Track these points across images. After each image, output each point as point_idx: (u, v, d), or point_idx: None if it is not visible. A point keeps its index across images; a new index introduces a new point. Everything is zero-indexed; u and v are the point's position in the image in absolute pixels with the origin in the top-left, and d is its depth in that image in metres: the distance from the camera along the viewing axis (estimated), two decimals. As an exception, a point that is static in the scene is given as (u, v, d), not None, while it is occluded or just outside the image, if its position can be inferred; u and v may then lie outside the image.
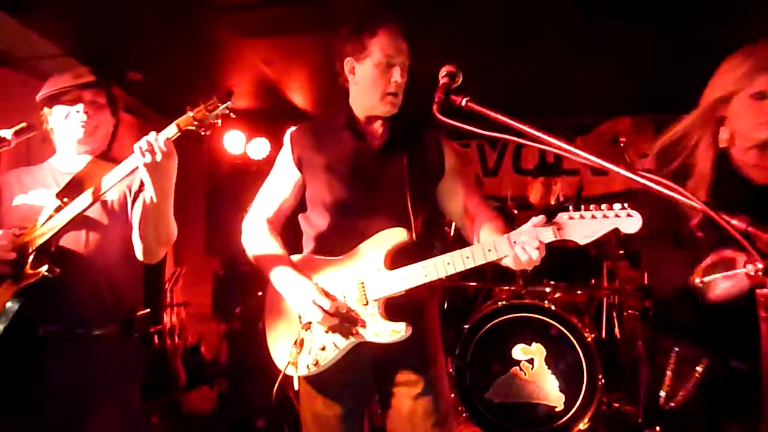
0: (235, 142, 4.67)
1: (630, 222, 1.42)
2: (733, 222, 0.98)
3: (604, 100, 3.86)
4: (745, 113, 1.57)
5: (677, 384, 1.61)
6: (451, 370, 3.05)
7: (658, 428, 1.77)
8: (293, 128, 1.89)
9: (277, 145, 4.49)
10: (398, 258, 1.63)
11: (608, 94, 3.89)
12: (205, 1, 3.04)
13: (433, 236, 1.83)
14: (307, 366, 1.64)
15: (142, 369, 1.93)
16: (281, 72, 4.13)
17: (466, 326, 3.11)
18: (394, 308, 1.63)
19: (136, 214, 1.78)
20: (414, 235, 1.65)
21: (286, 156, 1.83)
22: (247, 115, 4.67)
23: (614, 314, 3.64)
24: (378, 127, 1.81)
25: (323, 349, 1.64)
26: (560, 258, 1.45)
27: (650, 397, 2.91)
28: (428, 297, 1.78)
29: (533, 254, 1.47)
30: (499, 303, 3.14)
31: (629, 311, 3.55)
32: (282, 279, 1.66)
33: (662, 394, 1.64)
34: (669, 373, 1.63)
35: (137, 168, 1.57)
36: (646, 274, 3.08)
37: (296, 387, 1.70)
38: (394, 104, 1.76)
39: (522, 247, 1.48)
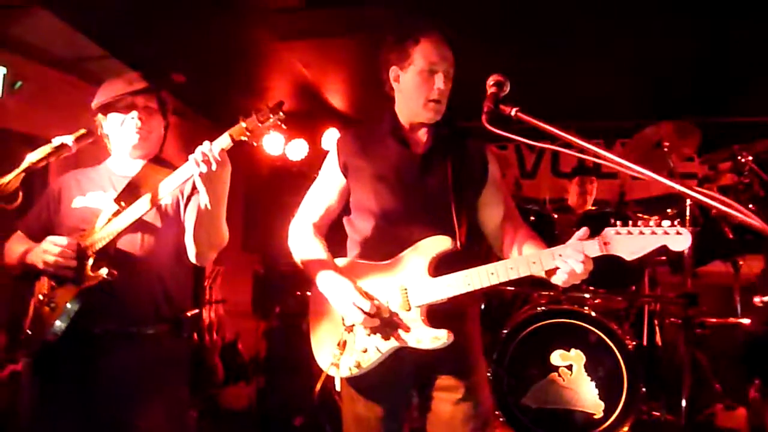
0: (274, 144, 4.72)
1: (679, 240, 1.40)
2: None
3: (646, 104, 3.79)
4: None
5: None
6: (488, 374, 3.05)
7: None
8: (339, 134, 1.92)
9: (315, 146, 4.60)
10: (442, 265, 1.64)
11: (650, 99, 3.82)
12: (245, 4, 3.09)
13: (477, 245, 1.82)
14: (349, 368, 1.66)
15: (189, 368, 1.97)
16: (320, 74, 4.18)
17: (505, 331, 3.09)
18: (436, 315, 1.63)
19: (189, 218, 1.83)
20: (458, 244, 1.66)
21: (332, 162, 1.85)
22: (286, 116, 4.72)
23: (655, 322, 3.56)
24: (422, 134, 1.82)
25: (365, 351, 1.65)
26: (600, 264, 1.43)
27: (692, 407, 2.87)
28: (470, 304, 1.78)
29: (577, 268, 1.46)
30: (538, 308, 3.11)
31: (671, 319, 3.48)
32: (325, 281, 1.69)
33: None
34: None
35: (192, 176, 1.63)
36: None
37: (338, 388, 1.73)
38: (437, 111, 1.76)
39: (566, 260, 1.47)
